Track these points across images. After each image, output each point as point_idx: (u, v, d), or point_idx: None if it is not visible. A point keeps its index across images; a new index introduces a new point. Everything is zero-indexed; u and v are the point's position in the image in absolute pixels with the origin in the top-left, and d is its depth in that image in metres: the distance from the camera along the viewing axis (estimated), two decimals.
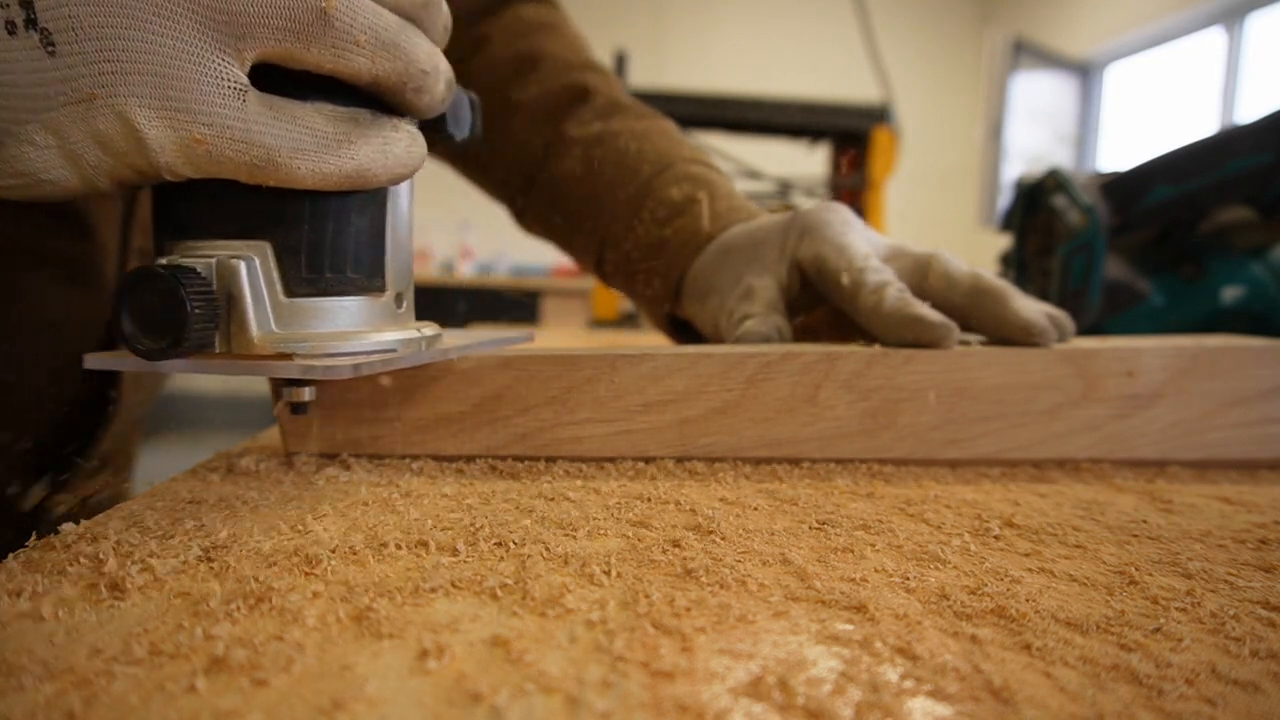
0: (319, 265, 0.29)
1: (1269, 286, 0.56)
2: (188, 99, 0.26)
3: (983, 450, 0.36)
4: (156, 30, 0.25)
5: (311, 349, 0.28)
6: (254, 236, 0.28)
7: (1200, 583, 0.23)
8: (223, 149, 0.26)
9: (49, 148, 0.26)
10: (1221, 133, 0.57)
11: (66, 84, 0.25)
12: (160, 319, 0.26)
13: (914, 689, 0.17)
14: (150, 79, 0.25)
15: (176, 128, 0.26)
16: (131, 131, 0.26)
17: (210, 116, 0.26)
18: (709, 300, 0.46)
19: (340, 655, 0.18)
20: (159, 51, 0.25)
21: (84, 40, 0.25)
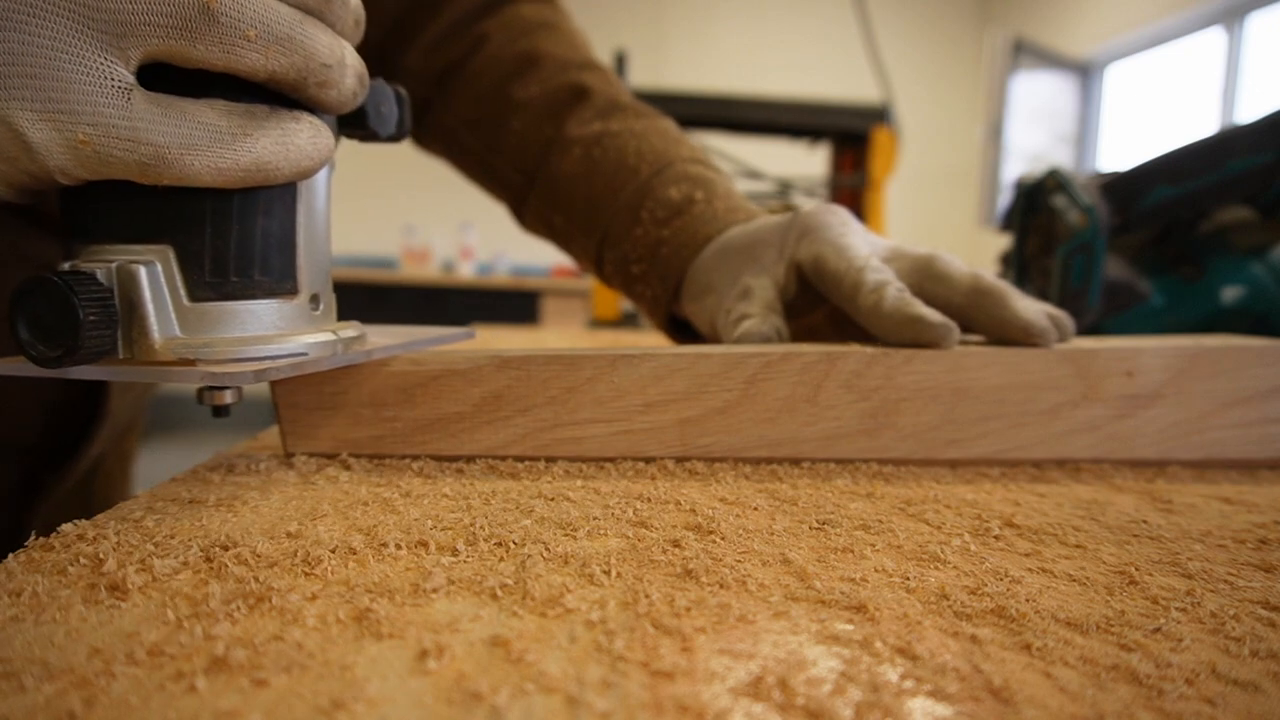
0: (223, 268, 0.28)
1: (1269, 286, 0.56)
2: (69, 99, 0.25)
3: (983, 450, 0.36)
4: (31, 31, 0.25)
5: (214, 354, 0.28)
6: (155, 240, 0.28)
7: (1200, 583, 0.23)
8: (110, 148, 0.26)
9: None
10: (1221, 133, 0.57)
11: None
12: (54, 326, 0.26)
13: (914, 689, 0.17)
14: (29, 80, 0.25)
15: (61, 129, 0.26)
16: (15, 135, 0.26)
17: (93, 116, 0.26)
18: (707, 300, 0.46)
19: (340, 655, 0.18)
20: (36, 53, 0.25)
21: None
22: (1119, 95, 4.17)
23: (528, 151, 0.57)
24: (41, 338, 0.26)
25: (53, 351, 0.26)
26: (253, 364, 0.28)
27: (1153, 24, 3.79)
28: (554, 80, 0.56)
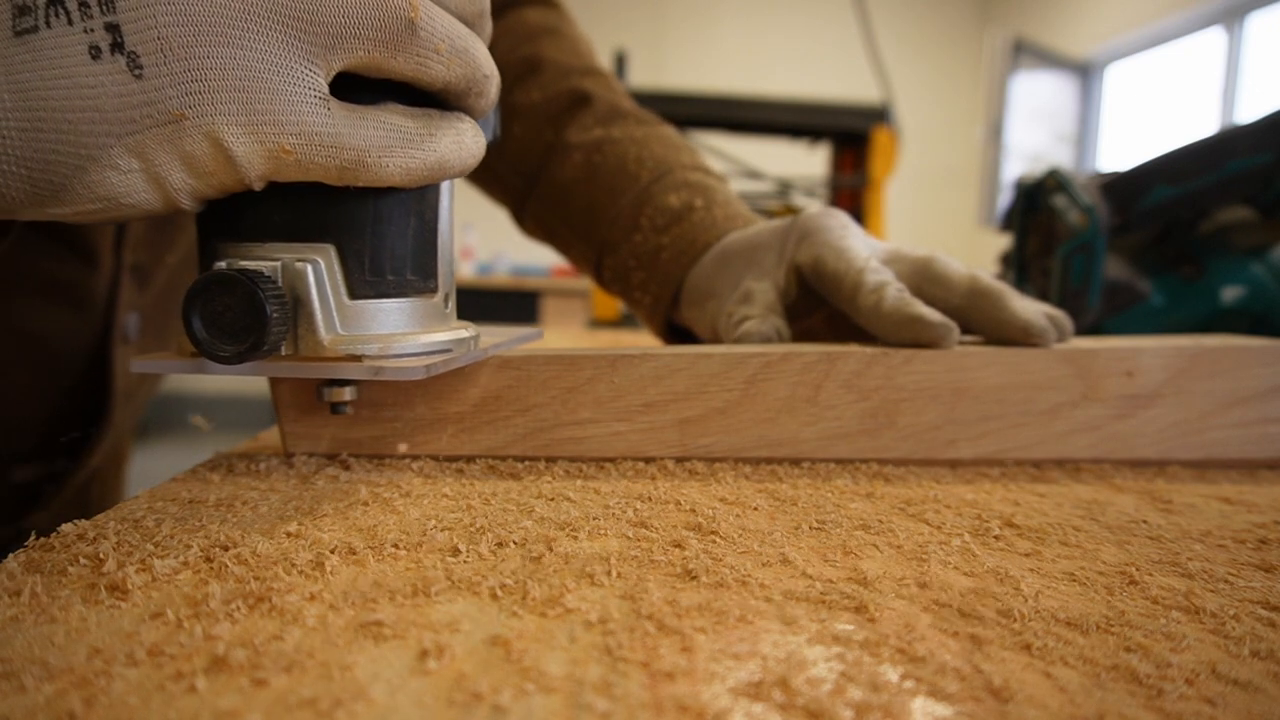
0: (380, 267, 0.29)
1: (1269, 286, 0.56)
2: (275, 111, 0.26)
3: (983, 450, 0.36)
4: (244, 45, 0.25)
5: (379, 350, 0.28)
6: (318, 239, 0.28)
7: (1200, 583, 0.23)
8: (312, 156, 0.27)
9: (133, 171, 0.26)
10: (1221, 133, 0.57)
11: (153, 106, 0.25)
12: (237, 323, 0.26)
13: (914, 689, 0.17)
14: (238, 95, 0.26)
15: (264, 140, 0.26)
16: (220, 151, 0.26)
17: (298, 126, 0.26)
18: (707, 305, 0.46)
19: (340, 655, 0.18)
20: (246, 66, 0.25)
21: (173, 61, 0.25)
22: (1119, 95, 4.17)
23: (528, 156, 0.57)
24: (221, 335, 0.27)
25: (234, 348, 0.27)
26: (416, 359, 0.29)
27: (1153, 24, 3.79)
28: (556, 86, 0.57)
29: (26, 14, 0.24)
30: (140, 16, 0.24)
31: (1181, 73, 3.78)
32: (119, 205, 0.26)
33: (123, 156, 0.26)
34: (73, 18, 0.24)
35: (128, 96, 0.25)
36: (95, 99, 0.25)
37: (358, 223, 0.29)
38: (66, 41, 0.24)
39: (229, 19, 0.25)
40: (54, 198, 0.26)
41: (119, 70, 0.25)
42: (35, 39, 0.24)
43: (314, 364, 0.28)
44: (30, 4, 0.24)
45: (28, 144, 0.25)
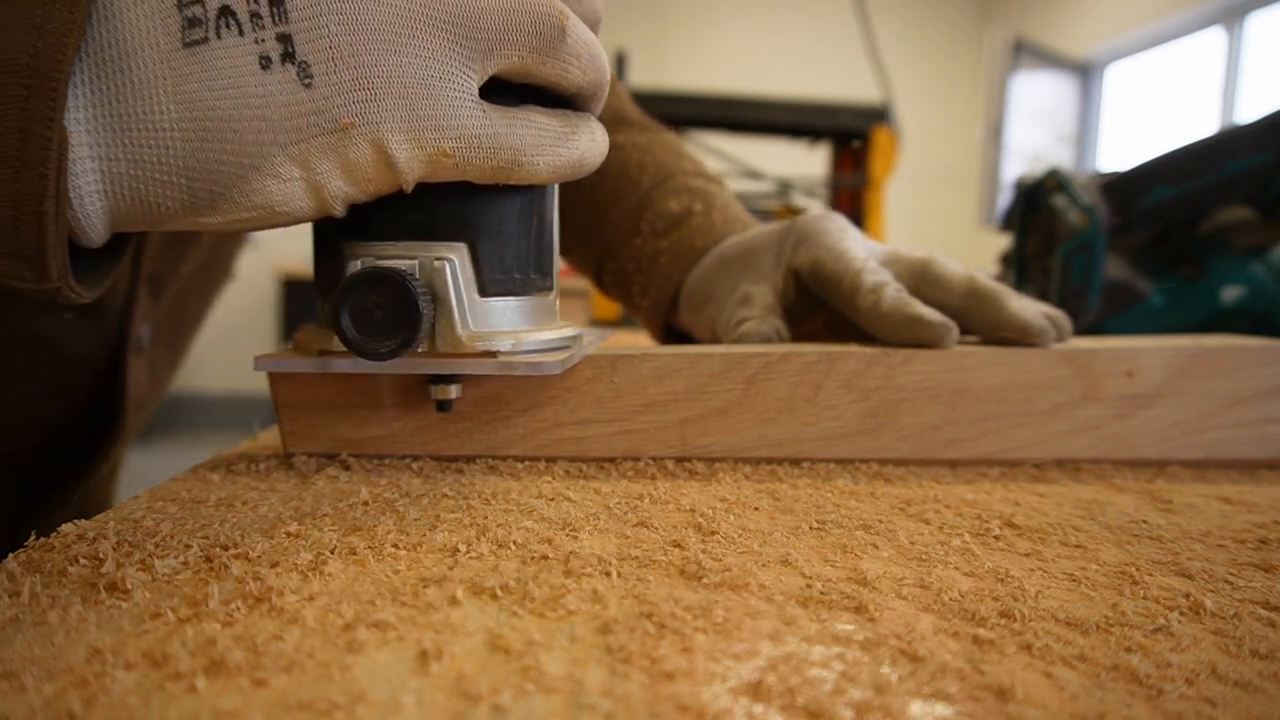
0: (509, 266, 0.30)
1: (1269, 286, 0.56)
2: (437, 116, 0.26)
3: (983, 450, 0.36)
4: (408, 52, 0.26)
5: (513, 346, 0.29)
6: (452, 238, 0.29)
7: (1200, 583, 0.23)
8: (470, 158, 0.27)
9: (293, 180, 0.26)
10: (1221, 133, 0.57)
11: (321, 115, 0.25)
12: (387, 320, 0.27)
13: (914, 689, 0.17)
14: (402, 101, 0.26)
15: (425, 145, 0.26)
16: (383, 157, 0.26)
17: (458, 130, 0.27)
18: (706, 309, 0.46)
19: (340, 656, 0.18)
20: (410, 73, 0.26)
21: (342, 69, 0.25)
22: (1119, 95, 4.17)
23: None
24: (370, 332, 0.27)
25: (384, 345, 0.27)
26: (550, 355, 0.30)
27: (1153, 24, 3.79)
28: None
29: (197, 26, 0.24)
30: (313, 26, 0.25)
31: (1181, 73, 3.78)
32: (273, 214, 0.27)
33: (285, 165, 0.26)
34: (244, 28, 0.24)
35: (296, 105, 0.25)
36: (263, 108, 0.25)
37: (489, 222, 0.29)
38: (236, 52, 0.25)
39: (395, 26, 0.25)
40: (211, 207, 0.26)
41: (288, 80, 0.25)
42: (205, 50, 0.24)
43: (454, 360, 0.29)
44: (201, 16, 0.24)
45: (191, 154, 0.25)
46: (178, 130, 0.24)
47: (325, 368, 0.29)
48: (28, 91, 0.22)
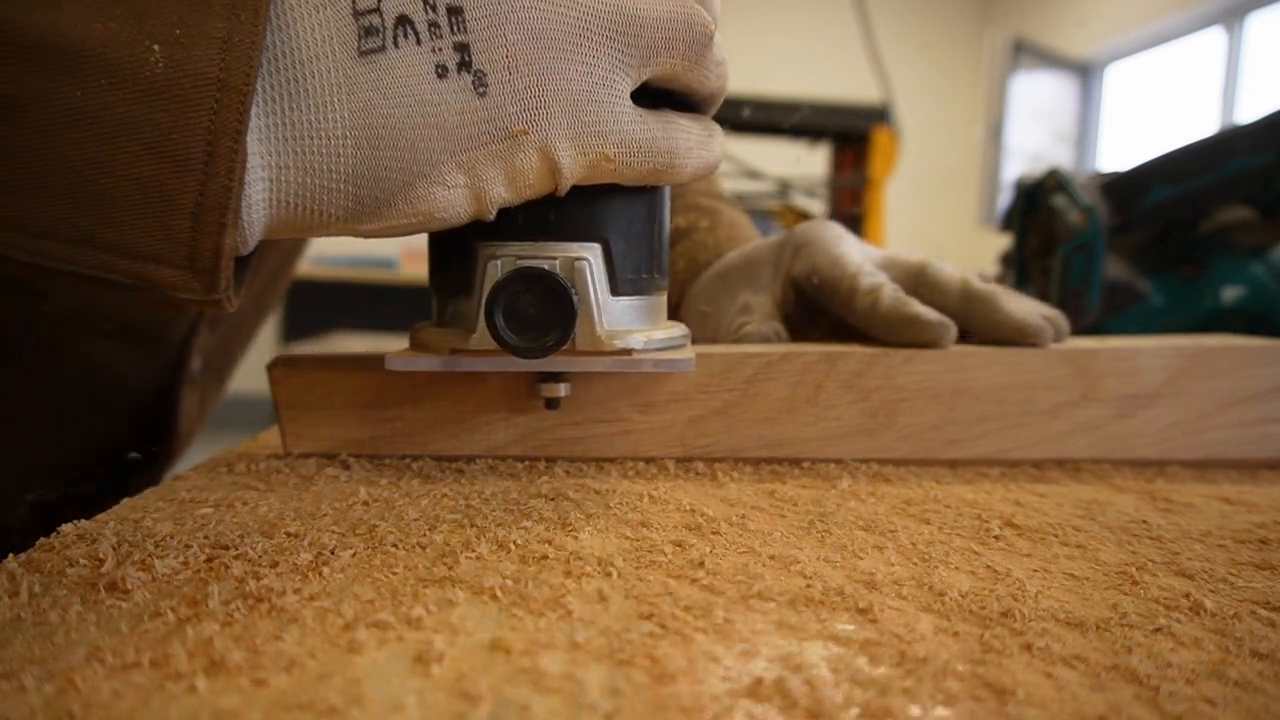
0: (637, 265, 0.30)
1: (1269, 286, 0.56)
2: (600, 123, 0.27)
3: (983, 450, 0.36)
4: (577, 61, 0.26)
5: (645, 344, 0.30)
6: (588, 238, 0.29)
7: (1200, 583, 0.23)
8: (629, 163, 0.28)
9: (458, 187, 0.26)
10: (1221, 133, 0.57)
11: (493, 123, 0.26)
12: (540, 318, 0.27)
13: (914, 689, 0.17)
14: (570, 108, 0.26)
15: (588, 151, 0.27)
16: (548, 164, 0.27)
17: (619, 135, 0.27)
18: (706, 322, 0.46)
19: (340, 656, 0.18)
20: (578, 81, 0.26)
21: (516, 78, 0.26)
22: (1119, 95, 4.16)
23: None
24: (523, 330, 0.28)
25: (537, 343, 0.28)
26: (678, 352, 0.31)
27: (1153, 24, 3.79)
28: None
29: (373, 35, 0.24)
30: (490, 35, 0.25)
31: (1181, 73, 3.78)
32: (431, 220, 0.27)
33: (452, 172, 0.26)
34: (421, 37, 0.25)
35: (469, 114, 0.26)
36: (437, 116, 0.25)
37: (621, 222, 0.30)
38: (413, 61, 0.25)
39: (567, 35, 0.26)
40: (373, 214, 0.26)
41: (463, 88, 0.25)
42: (381, 58, 0.25)
43: (593, 358, 0.29)
44: (378, 25, 0.24)
45: (362, 160, 0.25)
46: (350, 138, 0.25)
47: (456, 366, 0.30)
48: (217, 105, 0.23)
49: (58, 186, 0.23)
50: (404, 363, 0.29)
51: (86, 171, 0.22)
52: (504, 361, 0.29)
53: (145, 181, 0.23)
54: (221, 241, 0.23)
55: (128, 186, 0.23)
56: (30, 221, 0.23)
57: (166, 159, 0.23)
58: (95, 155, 0.22)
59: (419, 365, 0.30)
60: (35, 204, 0.23)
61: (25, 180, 0.22)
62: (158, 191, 0.23)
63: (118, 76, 0.22)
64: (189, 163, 0.23)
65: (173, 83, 0.22)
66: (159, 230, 0.23)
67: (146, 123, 0.22)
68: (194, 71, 0.22)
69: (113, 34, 0.22)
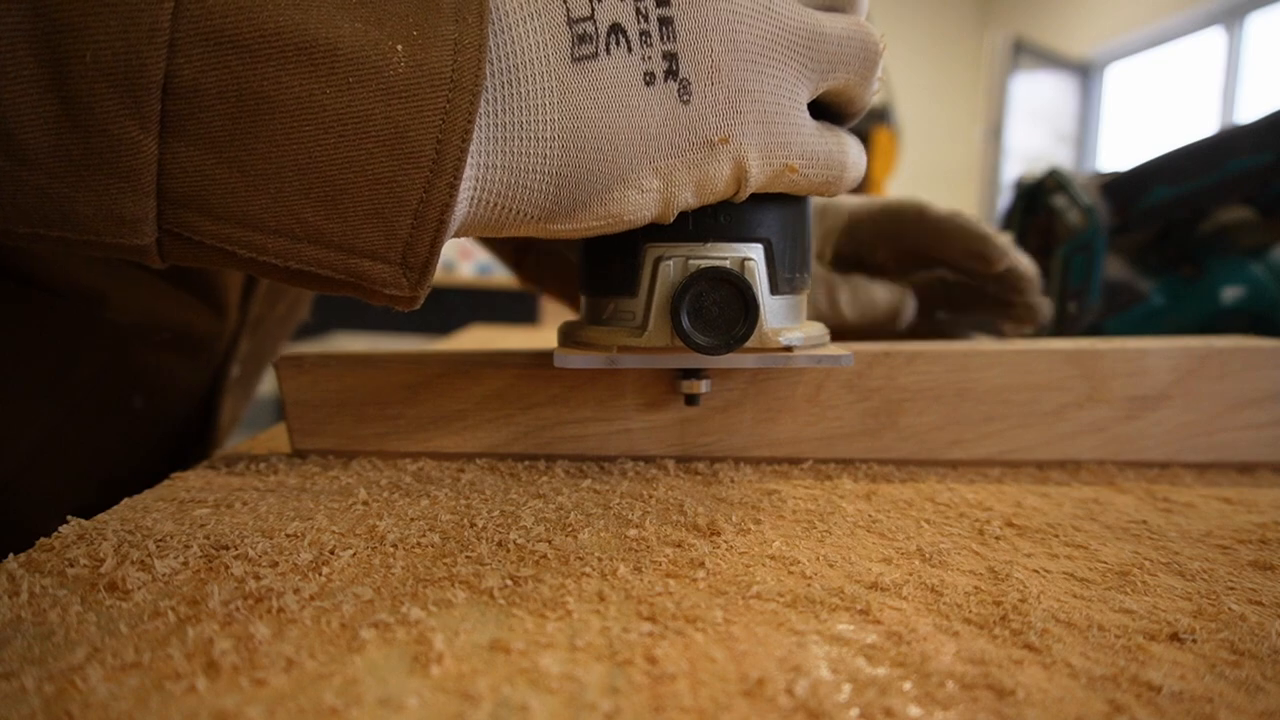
0: (794, 265, 0.31)
1: (1269, 286, 0.56)
2: (785, 134, 0.28)
3: (987, 451, 0.36)
4: (770, 73, 0.27)
5: (804, 340, 0.31)
6: (752, 239, 0.30)
7: (1201, 583, 0.23)
8: (808, 173, 0.29)
9: (651, 191, 0.27)
10: (1221, 133, 0.57)
11: (693, 131, 0.26)
12: (723, 316, 0.28)
13: (914, 689, 0.17)
14: (762, 119, 0.27)
15: (773, 161, 0.28)
16: (738, 172, 0.27)
17: (802, 146, 0.28)
18: None
19: (339, 655, 0.18)
20: (770, 92, 0.27)
21: (718, 88, 0.26)
22: (1119, 95, 4.17)
23: None
24: (706, 328, 0.28)
25: (720, 340, 0.28)
26: (836, 348, 0.32)
27: (1153, 24, 3.79)
28: None
29: (587, 42, 0.25)
30: (697, 44, 0.26)
31: (1181, 73, 3.78)
32: (618, 222, 0.27)
33: (648, 177, 0.27)
34: (632, 46, 0.25)
35: (671, 121, 0.26)
36: (641, 123, 0.26)
37: (781, 224, 0.31)
38: (623, 68, 0.25)
39: (763, 48, 0.27)
40: (567, 215, 0.27)
41: (669, 96, 0.26)
42: (593, 65, 0.25)
43: (759, 354, 0.30)
44: (591, 33, 0.25)
45: (567, 162, 0.25)
46: (558, 141, 0.25)
47: (623, 363, 0.30)
48: (448, 105, 0.23)
49: (294, 183, 0.23)
50: (577, 360, 0.30)
51: (325, 168, 0.23)
52: (671, 358, 0.30)
53: (378, 178, 0.23)
54: (438, 239, 0.24)
55: (360, 183, 0.23)
56: (262, 218, 0.24)
57: (400, 156, 0.23)
58: (335, 152, 0.23)
59: (589, 363, 0.30)
60: (271, 200, 0.23)
61: (265, 177, 0.23)
62: (388, 188, 0.23)
63: (363, 75, 0.23)
64: (420, 160, 0.23)
65: (412, 82, 0.23)
66: (382, 226, 0.24)
67: (386, 120, 0.23)
68: (431, 71, 0.23)
69: (359, 34, 0.23)
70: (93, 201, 0.23)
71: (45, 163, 0.22)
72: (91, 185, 0.22)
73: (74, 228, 0.23)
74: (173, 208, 0.23)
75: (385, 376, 0.34)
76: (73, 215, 0.23)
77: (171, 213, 0.23)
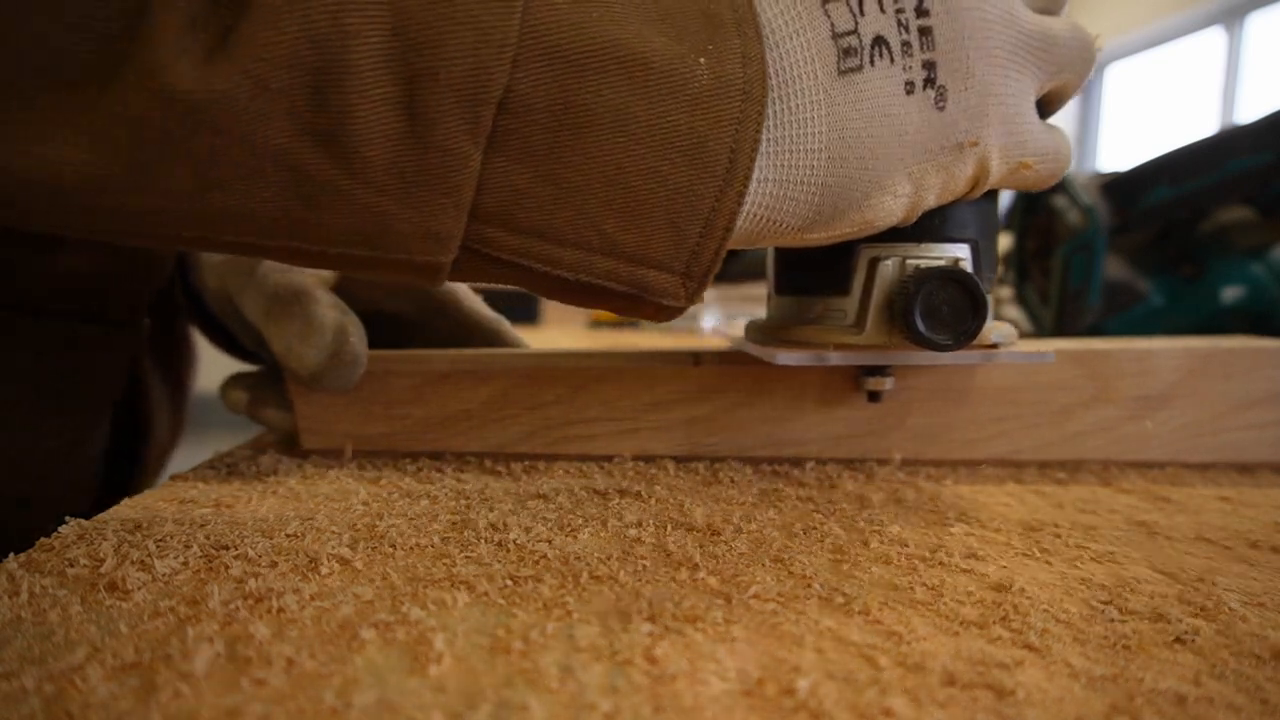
0: (992, 264, 0.32)
1: (1269, 286, 0.56)
2: (1021, 133, 0.28)
3: (993, 451, 0.36)
4: (1011, 76, 0.28)
5: (1005, 337, 0.31)
6: (961, 239, 0.31)
7: (1202, 583, 0.23)
8: (1039, 170, 0.29)
9: (902, 196, 0.27)
10: (1221, 133, 0.57)
11: (945, 136, 0.27)
12: (953, 315, 0.29)
13: (914, 689, 0.17)
14: (1003, 121, 0.28)
15: (1009, 160, 0.28)
16: (981, 172, 0.28)
17: (1035, 144, 0.29)
18: None
19: (339, 655, 0.18)
20: (1010, 94, 0.28)
21: (970, 93, 0.27)
22: (1119, 95, 4.16)
23: None
24: (937, 326, 0.29)
25: (949, 337, 0.29)
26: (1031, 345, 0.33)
27: (1153, 24, 3.78)
28: None
29: (852, 55, 0.25)
30: (954, 53, 0.26)
31: (1181, 73, 3.78)
32: (868, 228, 0.28)
33: (902, 183, 0.27)
34: (895, 57, 0.26)
35: (927, 127, 0.27)
36: (900, 130, 0.26)
37: (985, 224, 0.32)
38: (885, 78, 0.26)
39: (1005, 52, 0.27)
40: (824, 224, 0.27)
41: (926, 103, 0.26)
42: (858, 76, 0.26)
43: (976, 350, 0.31)
44: (856, 46, 0.25)
45: (832, 173, 0.26)
46: (824, 152, 0.25)
47: (830, 360, 0.31)
48: (741, 116, 0.24)
49: (601, 195, 0.24)
50: (797, 358, 0.30)
51: (630, 179, 0.24)
52: (889, 355, 0.31)
53: (677, 188, 0.24)
54: (721, 249, 0.25)
55: (660, 193, 0.24)
56: (564, 231, 0.24)
57: (698, 166, 0.24)
58: (642, 162, 0.23)
59: (808, 360, 0.31)
60: (576, 213, 0.24)
61: (574, 189, 0.24)
62: (684, 198, 0.24)
63: (673, 86, 0.23)
64: (715, 170, 0.24)
65: (713, 94, 0.23)
66: (674, 237, 0.24)
67: (689, 131, 0.23)
68: (727, 83, 0.24)
69: (668, 48, 0.23)
70: (412, 218, 0.23)
71: (378, 179, 0.22)
72: (416, 201, 0.23)
73: (386, 246, 0.23)
74: (477, 223, 0.24)
75: (393, 376, 0.34)
76: (390, 233, 0.23)
77: (475, 228, 0.24)
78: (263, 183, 0.22)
